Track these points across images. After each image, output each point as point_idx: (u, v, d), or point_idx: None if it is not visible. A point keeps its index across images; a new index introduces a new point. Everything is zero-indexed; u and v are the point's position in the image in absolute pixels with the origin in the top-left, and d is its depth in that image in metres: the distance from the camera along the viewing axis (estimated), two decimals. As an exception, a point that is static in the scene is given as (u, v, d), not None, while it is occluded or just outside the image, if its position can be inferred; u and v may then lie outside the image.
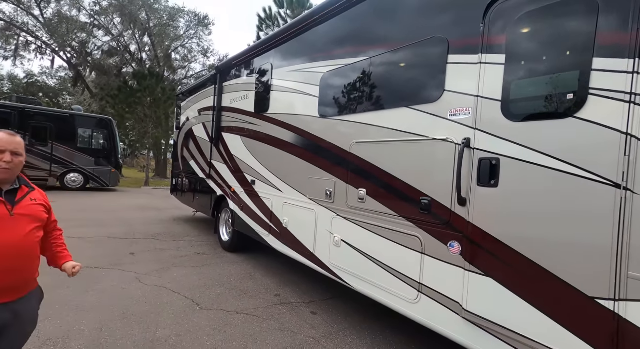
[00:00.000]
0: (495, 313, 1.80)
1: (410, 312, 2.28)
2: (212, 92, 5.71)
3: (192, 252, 5.05)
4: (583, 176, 1.50)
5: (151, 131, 17.50)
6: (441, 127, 2.14)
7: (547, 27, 1.69)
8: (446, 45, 2.14)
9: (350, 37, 2.99)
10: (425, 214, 2.20)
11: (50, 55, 23.35)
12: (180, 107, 7.60)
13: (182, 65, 26.58)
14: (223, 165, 5.19)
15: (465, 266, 1.96)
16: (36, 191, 1.62)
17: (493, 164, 1.83)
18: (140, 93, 17.09)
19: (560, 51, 1.62)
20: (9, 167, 1.43)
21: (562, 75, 1.60)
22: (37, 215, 1.54)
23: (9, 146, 1.44)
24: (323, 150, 3.16)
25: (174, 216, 8.19)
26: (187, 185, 6.97)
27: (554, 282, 1.57)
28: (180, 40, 25.14)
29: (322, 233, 3.13)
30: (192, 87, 7.13)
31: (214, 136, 5.47)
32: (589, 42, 1.51)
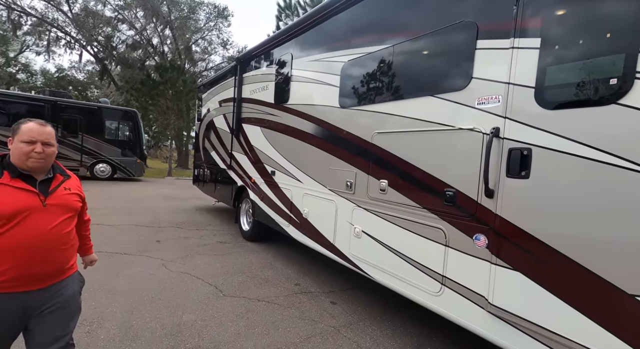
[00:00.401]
0: (524, 308, 1.74)
1: (433, 305, 2.26)
2: (232, 84, 5.75)
3: (214, 240, 5.19)
4: (625, 167, 1.40)
5: (173, 123, 17.96)
6: (468, 116, 2.06)
7: (590, 7, 1.57)
8: (475, 30, 2.04)
9: (372, 25, 2.91)
10: (449, 206, 2.15)
11: (79, 50, 24.23)
12: (201, 99, 7.73)
13: (202, 58, 26.93)
14: (243, 156, 5.26)
15: (491, 260, 1.90)
16: (71, 179, 1.61)
17: (524, 155, 1.75)
18: (163, 85, 17.51)
19: (604, 33, 1.51)
20: (40, 157, 1.42)
21: (605, 59, 1.49)
22: (71, 204, 1.52)
23: (39, 137, 1.42)
24: (343, 141, 3.13)
25: (196, 205, 8.43)
26: (208, 175, 7.13)
27: (590, 278, 1.50)
28: (200, 33, 25.42)
29: (343, 224, 3.12)
30: (212, 79, 7.22)
31: (234, 127, 5.54)
32: (638, 22, 1.39)
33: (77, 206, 1.56)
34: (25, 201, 1.37)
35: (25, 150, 1.39)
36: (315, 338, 2.59)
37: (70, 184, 1.58)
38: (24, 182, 1.40)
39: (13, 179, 1.38)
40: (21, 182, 1.39)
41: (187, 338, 2.46)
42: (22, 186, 1.39)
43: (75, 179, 1.65)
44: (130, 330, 2.53)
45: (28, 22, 22.56)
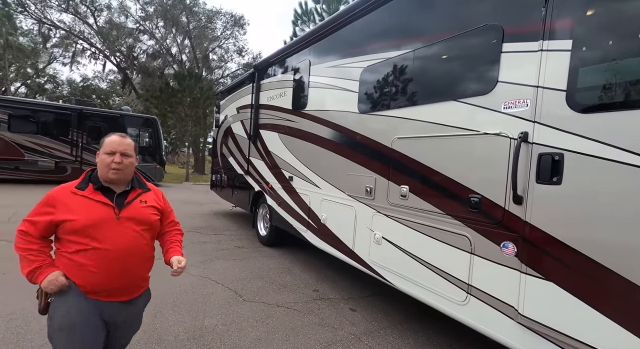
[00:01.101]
0: (558, 319, 1.67)
1: (458, 314, 2.19)
2: (249, 91, 5.85)
3: (232, 245, 5.24)
4: (668, 173, 1.33)
5: (190, 129, 18.38)
6: (493, 121, 2.02)
7: (623, 5, 1.52)
8: (500, 33, 2.01)
9: (392, 30, 2.90)
10: (475, 212, 2.09)
11: (102, 60, 25.30)
12: (218, 106, 7.88)
13: (219, 65, 27.59)
14: (261, 161, 5.31)
15: (521, 269, 1.84)
16: (150, 193, 1.63)
17: (555, 160, 1.69)
18: (181, 93, 18.00)
19: (639, 32, 1.45)
20: (119, 167, 1.46)
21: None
22: (145, 218, 1.53)
23: (118, 147, 1.48)
24: (362, 146, 3.11)
25: (214, 210, 8.55)
26: (225, 181, 7.23)
27: (628, 288, 1.42)
28: (217, 41, 26.10)
29: (362, 230, 3.10)
30: (230, 86, 7.36)
31: (252, 133, 5.61)
32: (678, 21, 1.33)
33: (151, 220, 1.56)
34: (100, 213, 1.41)
35: (106, 161, 1.46)
36: (336, 346, 2.56)
37: (147, 196, 1.60)
38: (102, 195, 1.46)
39: (95, 191, 1.45)
40: (100, 195, 1.46)
41: (210, 343, 2.48)
42: (100, 198, 1.45)
43: (154, 192, 1.66)
44: (154, 334, 2.57)
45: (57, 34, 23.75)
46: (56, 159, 11.63)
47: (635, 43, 1.47)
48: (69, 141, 11.88)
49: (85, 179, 1.49)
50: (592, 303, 1.55)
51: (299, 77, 4.35)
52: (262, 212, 5.54)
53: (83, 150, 12.07)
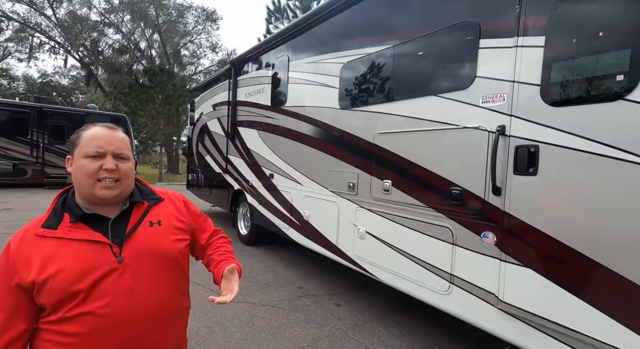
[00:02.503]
0: (536, 304, 1.75)
1: (442, 304, 2.25)
2: (226, 87, 5.70)
3: (211, 246, 5.10)
4: (632, 161, 1.43)
5: (163, 128, 17.71)
6: (472, 115, 2.08)
7: (594, 3, 1.60)
8: (477, 30, 2.06)
9: (372, 26, 2.92)
10: (456, 204, 2.15)
11: (63, 55, 23.76)
12: (193, 104, 7.64)
13: (191, 61, 26.74)
14: (240, 159, 5.21)
15: (500, 257, 1.91)
16: (164, 204, 1.09)
17: (531, 152, 1.77)
18: (152, 90, 17.26)
19: (610, 29, 1.53)
20: (113, 176, 0.94)
21: (611, 55, 1.52)
22: (163, 250, 0.99)
23: (109, 146, 0.95)
24: (344, 142, 3.12)
25: (191, 210, 8.28)
26: (203, 180, 7.03)
27: (599, 271, 1.52)
28: (189, 36, 25.25)
29: (346, 225, 3.11)
30: (205, 83, 7.15)
31: (229, 131, 5.48)
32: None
33: (174, 250, 1.02)
34: (89, 260, 0.89)
35: (89, 169, 0.92)
36: (323, 341, 2.56)
37: (160, 212, 1.05)
38: (88, 229, 0.93)
39: (74, 226, 0.92)
40: (84, 229, 0.93)
41: (194, 346, 2.40)
42: (86, 235, 0.92)
43: (170, 202, 1.11)
44: (133, 340, 2.45)
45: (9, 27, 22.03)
46: (14, 161, 10.83)
47: (605, 40, 1.56)
48: (28, 142, 11.10)
49: (55, 210, 0.96)
50: (566, 286, 1.64)
51: (278, 73, 4.28)
52: (242, 211, 5.44)
53: (45, 151, 11.31)
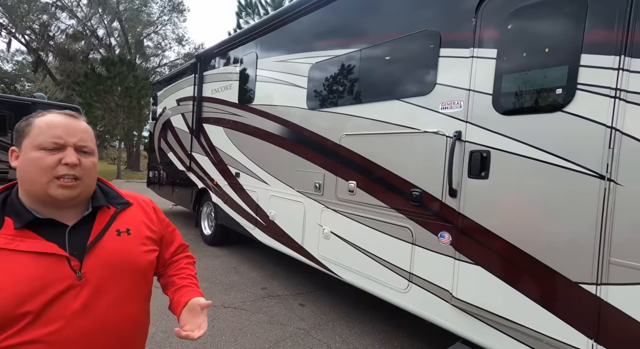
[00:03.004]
0: (484, 299, 1.87)
1: (401, 301, 2.33)
2: (191, 82, 5.49)
3: (172, 247, 4.89)
4: (570, 168, 1.57)
5: (122, 121, 16.67)
6: (432, 120, 2.17)
7: (538, 23, 1.74)
8: (438, 39, 2.16)
9: (340, 28, 2.95)
10: (416, 205, 2.24)
11: (6, 38, 21.56)
12: (156, 97, 7.27)
13: (155, 53, 25.44)
14: (205, 157, 5.04)
15: (455, 256, 2.02)
16: (133, 209, 0.94)
17: (484, 157, 1.88)
18: (110, 81, 16.18)
19: (550, 47, 1.68)
20: (74, 173, 0.78)
21: (551, 71, 1.66)
22: (135, 263, 0.87)
23: (70, 137, 0.78)
24: (311, 142, 3.13)
25: (151, 210, 7.88)
26: (165, 178, 6.72)
27: (542, 269, 1.65)
28: (153, 27, 23.98)
29: (311, 225, 3.12)
30: (169, 76, 6.83)
31: (194, 127, 5.29)
32: (578, 38, 1.57)
33: (143, 263, 0.89)
34: (40, 278, 0.73)
35: (44, 164, 0.75)
36: (285, 342, 2.55)
37: (128, 219, 0.90)
38: (39, 238, 0.76)
39: (20, 233, 0.74)
40: (33, 238, 0.75)
41: (147, 353, 2.29)
42: (34, 246, 0.74)
43: (140, 208, 0.97)
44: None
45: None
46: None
47: (546, 56, 1.70)
48: (-38, 132, 9.94)
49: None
50: (511, 282, 1.76)
51: (246, 70, 4.20)
52: (206, 211, 5.27)
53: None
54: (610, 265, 1.45)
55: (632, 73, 1.41)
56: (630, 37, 1.41)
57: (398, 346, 2.60)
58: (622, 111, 1.43)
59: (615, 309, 1.43)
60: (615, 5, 1.46)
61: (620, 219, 1.43)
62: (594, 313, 1.49)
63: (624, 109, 1.43)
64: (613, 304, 1.43)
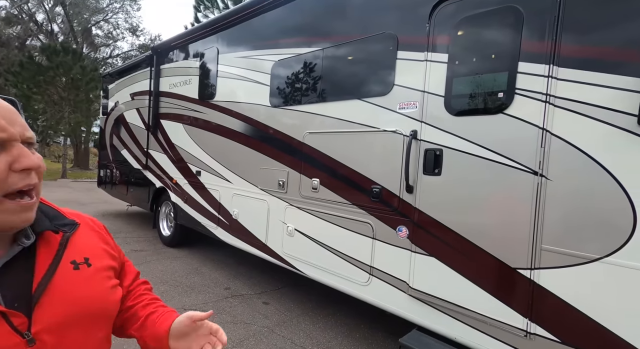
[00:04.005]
0: (437, 288, 2.01)
1: (362, 294, 2.42)
2: (147, 75, 5.20)
3: (127, 249, 4.62)
4: (509, 165, 1.74)
5: (68, 116, 15.29)
6: (391, 120, 2.27)
7: (483, 31, 1.90)
8: (396, 42, 2.26)
9: (303, 27, 2.97)
10: (376, 201, 2.33)
11: None
12: (107, 90, 6.78)
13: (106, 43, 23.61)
14: (163, 155, 4.80)
15: (411, 248, 2.14)
16: (83, 230, 0.68)
17: (437, 155, 2.01)
18: (53, 71, 14.73)
19: (493, 54, 1.84)
20: (35, 183, 0.56)
21: (494, 76, 1.82)
22: (103, 306, 0.64)
23: (12, 126, 0.53)
24: (275, 140, 3.12)
25: (102, 211, 7.37)
26: (118, 176, 6.30)
27: (486, 257, 1.81)
28: (102, 14, 22.20)
29: (275, 223, 3.12)
30: (121, 69, 6.40)
31: (151, 123, 5.02)
32: (516, 47, 1.74)
33: (112, 304, 0.67)
34: None
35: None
36: (249, 341, 2.54)
37: (83, 245, 0.66)
38: None
39: None
40: None
41: (100, 362, 2.15)
42: None
43: (90, 229, 0.71)
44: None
45: None
46: None
47: (490, 62, 1.85)
48: None
49: None
50: (460, 270, 1.91)
51: (206, 65, 4.07)
52: (165, 211, 5.03)
53: None
54: (542, 251, 1.63)
55: (560, 81, 1.59)
56: (558, 48, 1.59)
57: (360, 337, 2.70)
58: (551, 114, 1.61)
59: (545, 290, 1.61)
60: (545, 18, 1.64)
61: (550, 210, 1.61)
62: (529, 295, 1.66)
63: (553, 113, 1.61)
64: (544, 286, 1.62)
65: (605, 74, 1.49)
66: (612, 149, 1.46)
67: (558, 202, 1.59)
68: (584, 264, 1.50)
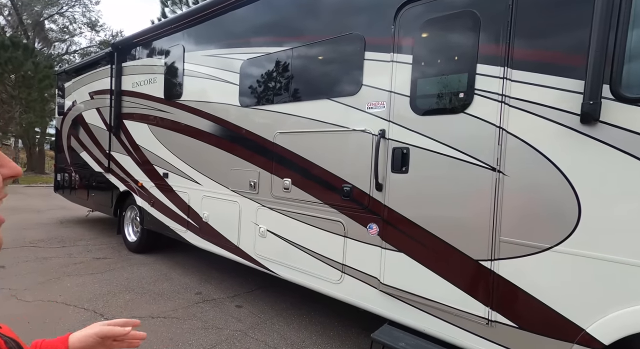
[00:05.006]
0: (407, 282, 2.07)
1: (335, 292, 2.44)
2: (107, 73, 4.93)
3: (89, 257, 4.35)
4: (471, 162, 1.82)
5: (19, 116, 14.14)
6: (360, 119, 2.31)
7: (443, 34, 1.98)
8: (363, 42, 2.30)
9: (272, 25, 2.94)
10: (347, 200, 2.36)
11: None
12: (63, 89, 6.35)
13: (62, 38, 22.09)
14: (127, 157, 4.57)
15: (382, 245, 2.19)
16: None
17: (404, 153, 2.07)
18: (0, 67, 13.57)
19: (454, 56, 1.92)
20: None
21: (455, 77, 1.91)
22: None
23: None
24: (246, 140, 3.07)
25: (61, 217, 6.89)
26: (78, 181, 5.92)
27: (451, 251, 1.89)
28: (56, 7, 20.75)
29: (247, 225, 3.07)
30: (80, 66, 6.02)
31: (113, 124, 4.76)
32: (474, 50, 1.83)
33: None
34: None
35: None
36: (221, 346, 2.48)
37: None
38: None
39: None
40: None
41: (57, 379, 2.01)
42: None
43: None
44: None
45: None
46: None
47: (452, 64, 1.94)
48: None
49: None
50: (427, 264, 1.99)
51: (172, 63, 3.92)
52: (130, 215, 4.80)
53: None
54: (501, 243, 1.73)
55: (514, 82, 1.70)
56: (511, 52, 1.69)
57: (334, 335, 2.72)
58: (507, 114, 1.72)
59: (504, 279, 1.71)
60: (500, 22, 1.74)
61: (507, 204, 1.71)
62: (490, 285, 1.76)
63: (508, 112, 1.71)
64: (502, 276, 1.72)
65: (553, 77, 1.60)
66: (560, 146, 1.57)
67: (514, 196, 1.69)
68: (537, 253, 1.61)
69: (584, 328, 1.50)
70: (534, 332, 1.63)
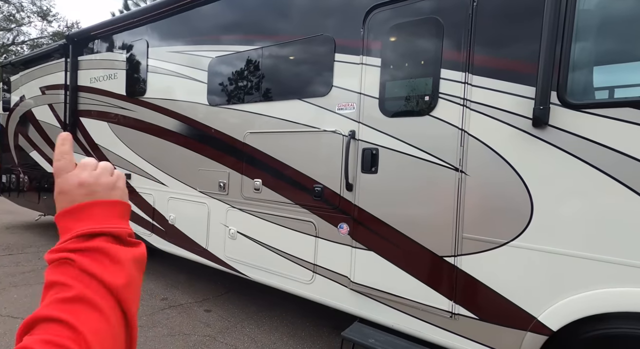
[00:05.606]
0: (376, 280, 2.12)
1: (307, 292, 2.45)
2: (61, 67, 4.58)
3: (39, 266, 4.02)
4: (435, 162, 1.91)
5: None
6: (330, 120, 2.33)
7: (410, 39, 2.05)
8: (333, 44, 2.33)
9: (242, 23, 2.89)
10: (318, 200, 2.38)
11: None
12: (9, 83, 5.82)
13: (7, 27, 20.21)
14: (84, 157, 4.28)
15: (352, 244, 2.22)
16: None
17: (374, 154, 2.12)
18: None
19: (420, 60, 2.00)
20: None
21: (421, 81, 1.99)
22: None
23: None
24: (215, 140, 2.99)
25: (7, 223, 6.29)
26: (26, 182, 5.45)
27: (418, 248, 1.96)
28: (2, -7, 18.94)
29: (216, 227, 2.99)
30: (29, 58, 5.56)
31: (68, 122, 4.43)
32: (438, 55, 1.91)
33: None
34: None
35: None
36: (189, 353, 2.39)
37: None
38: None
39: None
40: None
41: (3, 400, 1.84)
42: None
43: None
44: None
45: None
46: None
47: (418, 68, 2.02)
48: None
49: None
50: (394, 261, 2.05)
51: (135, 59, 3.73)
52: (87, 220, 4.48)
53: None
54: (463, 239, 1.82)
55: (474, 87, 1.80)
56: (472, 58, 1.79)
57: (305, 335, 2.72)
58: (468, 116, 1.81)
59: (466, 274, 1.81)
60: (461, 30, 1.83)
61: (469, 202, 1.81)
62: (453, 279, 1.85)
63: (470, 115, 1.81)
64: (464, 270, 1.81)
65: (509, 83, 1.72)
66: (514, 147, 1.69)
67: (475, 194, 1.79)
68: (495, 248, 1.72)
69: (536, 317, 1.62)
70: (493, 322, 1.74)
